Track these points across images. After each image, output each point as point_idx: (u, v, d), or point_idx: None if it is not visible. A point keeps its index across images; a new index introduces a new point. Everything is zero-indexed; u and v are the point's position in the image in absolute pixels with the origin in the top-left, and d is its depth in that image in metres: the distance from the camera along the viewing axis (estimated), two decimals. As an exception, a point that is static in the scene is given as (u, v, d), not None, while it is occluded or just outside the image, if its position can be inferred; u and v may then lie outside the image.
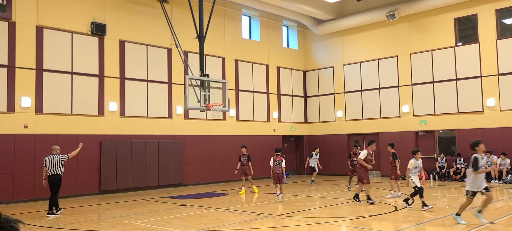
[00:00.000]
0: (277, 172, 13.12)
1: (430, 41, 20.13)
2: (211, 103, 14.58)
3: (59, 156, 11.44)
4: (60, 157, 11.44)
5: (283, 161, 13.19)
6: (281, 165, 13.13)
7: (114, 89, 16.81)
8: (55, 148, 11.58)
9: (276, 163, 13.20)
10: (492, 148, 18.01)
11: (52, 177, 11.33)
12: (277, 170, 13.14)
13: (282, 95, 23.40)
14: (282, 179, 13.15)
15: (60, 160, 11.40)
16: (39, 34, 15.07)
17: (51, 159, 11.37)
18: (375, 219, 9.89)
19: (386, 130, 21.35)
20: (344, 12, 22.66)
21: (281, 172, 13.09)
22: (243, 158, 15.66)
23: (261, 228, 9.15)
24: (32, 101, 14.74)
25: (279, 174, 13.09)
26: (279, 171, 13.08)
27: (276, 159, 13.24)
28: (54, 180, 11.34)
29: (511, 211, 10.46)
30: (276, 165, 13.18)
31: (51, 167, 11.32)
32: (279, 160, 13.18)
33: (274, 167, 13.22)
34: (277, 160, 13.21)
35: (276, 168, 13.17)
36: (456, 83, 19.28)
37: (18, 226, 2.07)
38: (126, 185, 16.65)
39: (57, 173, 11.35)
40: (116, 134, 16.68)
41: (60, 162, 11.40)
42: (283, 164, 13.15)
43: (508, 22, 18.66)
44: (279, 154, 13.32)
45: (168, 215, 11.11)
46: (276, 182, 13.28)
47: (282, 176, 13.13)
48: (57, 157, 11.41)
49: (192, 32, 16.92)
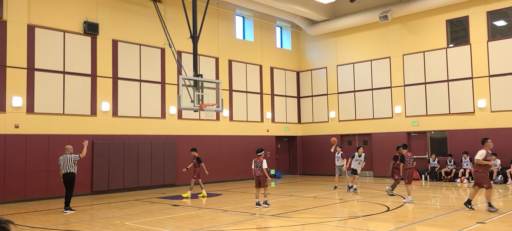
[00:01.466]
0: (257, 174, 11.93)
1: (422, 43, 20.26)
2: (204, 103, 14.55)
3: (72, 156, 12.04)
4: (72, 156, 12.03)
5: (264, 162, 11.88)
6: (261, 166, 11.85)
7: (106, 89, 16.73)
8: (68, 148, 12.20)
9: (255, 164, 11.99)
10: (483, 149, 18.16)
11: (66, 175, 11.94)
12: (257, 172, 11.94)
13: (276, 95, 23.42)
14: (264, 182, 11.92)
15: (72, 159, 12.00)
16: (30, 33, 14.96)
17: (64, 158, 11.99)
18: (367, 219, 9.93)
19: (379, 131, 21.46)
20: (338, 13, 22.75)
21: (262, 175, 11.88)
22: (193, 160, 15.03)
23: (254, 229, 9.16)
24: (23, 101, 14.63)
25: (260, 177, 11.90)
26: (259, 173, 11.89)
27: (256, 160, 11.99)
28: (68, 178, 11.94)
29: (501, 211, 10.56)
30: (256, 167, 11.97)
31: (65, 166, 11.94)
32: (260, 161, 11.94)
33: (254, 169, 12.00)
34: (257, 161, 11.98)
35: (256, 170, 11.97)
36: (448, 84, 19.43)
37: (8, 226, 2.06)
38: (118, 185, 16.57)
39: (70, 172, 11.95)
40: (108, 134, 16.60)
41: (73, 161, 12.01)
42: (264, 165, 11.83)
43: (499, 24, 18.84)
44: (260, 155, 12.03)
45: (161, 215, 11.08)
46: (258, 185, 11.99)
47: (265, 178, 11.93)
48: (70, 156, 12.01)
49: (185, 32, 16.88)
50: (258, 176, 11.94)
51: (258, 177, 11.93)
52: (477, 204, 12.59)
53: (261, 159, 11.95)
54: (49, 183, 14.94)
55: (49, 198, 14.83)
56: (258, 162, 11.94)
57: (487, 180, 10.50)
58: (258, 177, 11.94)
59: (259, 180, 11.93)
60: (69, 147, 12.21)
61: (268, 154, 22.59)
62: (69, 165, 11.92)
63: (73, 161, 11.99)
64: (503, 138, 17.83)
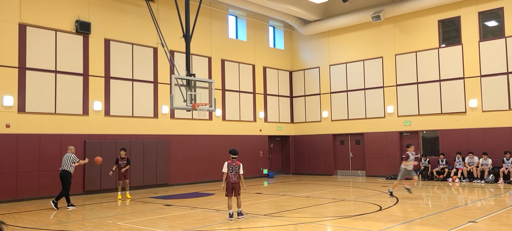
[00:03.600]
0: (232, 181, 10.03)
1: (414, 43, 20.39)
2: (197, 103, 14.53)
3: (72, 156, 12.68)
4: (72, 156, 12.67)
5: (240, 167, 10.11)
6: (238, 171, 10.07)
7: (98, 89, 16.64)
8: (70, 148, 12.90)
9: (231, 168, 10.06)
10: (474, 148, 18.34)
11: (62, 172, 12.58)
12: (232, 178, 10.04)
13: (269, 95, 23.44)
14: (239, 190, 10.14)
15: (71, 158, 12.62)
16: (22, 32, 14.84)
17: (65, 156, 12.73)
18: (360, 219, 9.97)
19: (371, 130, 21.56)
20: (330, 13, 22.81)
21: (237, 181, 10.08)
22: (121, 161, 14.47)
23: (247, 228, 9.15)
24: (15, 100, 14.50)
25: (235, 184, 10.06)
26: (235, 179, 10.05)
27: (231, 163, 10.08)
28: (62, 174, 12.58)
29: (492, 210, 10.66)
30: (231, 172, 10.04)
31: (63, 163, 12.62)
32: (236, 165, 10.08)
33: (228, 174, 10.05)
34: (232, 165, 10.08)
35: (231, 176, 10.04)
36: (440, 84, 19.56)
37: (1, 226, 2.05)
38: (111, 185, 16.48)
39: (65, 169, 12.57)
40: (100, 134, 16.51)
41: (71, 160, 12.61)
42: (241, 171, 10.11)
43: (491, 24, 19.01)
44: (235, 158, 10.15)
45: (153, 215, 11.05)
46: (230, 193, 10.07)
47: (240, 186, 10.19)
48: (70, 155, 12.66)
49: (178, 32, 16.84)
50: (232, 183, 10.06)
51: (233, 183, 10.06)
52: (467, 203, 12.72)
53: (238, 162, 10.16)
54: (41, 183, 14.84)
55: (40, 198, 14.71)
56: (235, 166, 10.09)
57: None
58: (232, 183, 10.06)
59: (232, 187, 10.06)
60: (71, 147, 12.93)
61: (261, 153, 22.61)
62: (66, 162, 12.54)
63: (71, 160, 12.59)
64: (494, 138, 18.01)
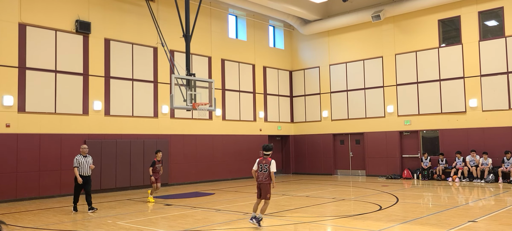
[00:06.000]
0: (258, 180, 8.98)
1: (414, 42, 20.38)
2: (197, 102, 14.53)
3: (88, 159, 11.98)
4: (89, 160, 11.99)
5: (272, 164, 8.85)
6: (269, 169, 8.84)
7: (98, 88, 16.64)
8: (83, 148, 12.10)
9: (260, 167, 8.98)
10: (474, 148, 18.34)
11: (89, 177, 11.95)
12: (260, 177, 8.92)
13: (269, 95, 23.44)
14: (266, 193, 8.86)
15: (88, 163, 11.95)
16: (22, 31, 14.83)
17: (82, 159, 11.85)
18: (359, 218, 9.98)
19: (371, 130, 21.56)
20: (330, 12, 22.81)
21: (264, 181, 8.86)
22: (158, 164, 13.76)
23: (247, 228, 9.15)
24: (15, 99, 14.50)
25: (262, 184, 8.89)
26: (261, 179, 8.91)
27: (261, 161, 9.01)
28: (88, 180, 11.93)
29: (492, 210, 10.66)
30: (260, 171, 8.94)
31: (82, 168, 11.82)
32: (266, 163, 8.92)
33: (257, 173, 9.01)
34: (262, 162, 8.97)
35: (259, 175, 8.95)
36: (440, 84, 19.56)
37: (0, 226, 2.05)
38: (111, 184, 16.49)
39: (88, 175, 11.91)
40: (100, 133, 16.51)
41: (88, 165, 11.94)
42: (273, 168, 8.82)
43: (490, 24, 19.00)
44: (267, 155, 9.03)
45: (153, 215, 11.05)
46: (258, 194, 9.01)
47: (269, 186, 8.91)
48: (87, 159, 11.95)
49: (178, 31, 16.83)
50: (259, 182, 8.94)
51: (259, 183, 8.94)
52: (468, 202, 12.71)
53: (269, 159, 8.96)
54: (41, 183, 14.84)
55: (40, 197, 14.72)
56: (265, 163, 8.94)
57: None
58: (259, 183, 8.94)
59: (260, 188, 8.96)
60: (85, 147, 12.08)
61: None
62: (86, 168, 11.81)
63: (88, 165, 11.90)
64: (494, 137, 18.01)
